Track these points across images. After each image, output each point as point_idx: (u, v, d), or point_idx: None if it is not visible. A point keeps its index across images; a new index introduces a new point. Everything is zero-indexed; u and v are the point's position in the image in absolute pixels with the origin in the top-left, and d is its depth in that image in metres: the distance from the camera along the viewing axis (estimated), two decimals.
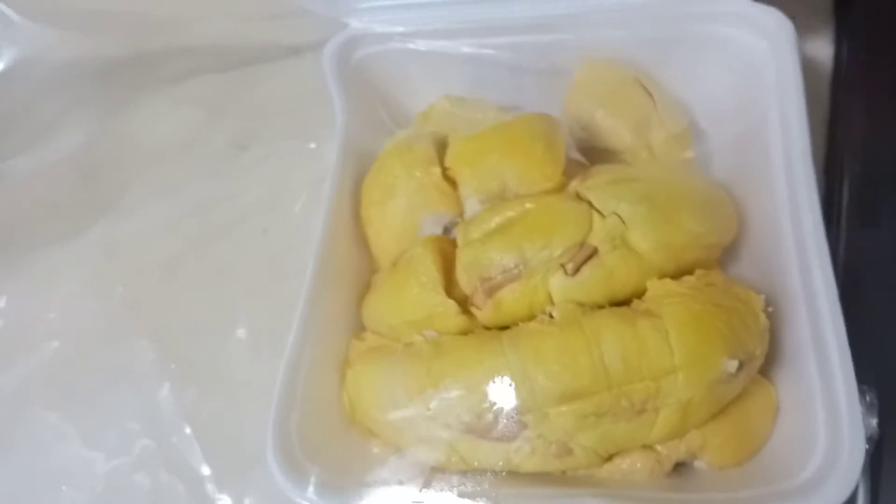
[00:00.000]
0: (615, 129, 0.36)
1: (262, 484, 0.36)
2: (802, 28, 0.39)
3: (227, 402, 0.38)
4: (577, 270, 0.30)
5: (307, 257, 0.40)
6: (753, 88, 0.35)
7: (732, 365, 0.28)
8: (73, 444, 0.37)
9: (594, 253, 0.30)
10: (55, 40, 0.41)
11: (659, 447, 0.30)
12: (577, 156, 0.36)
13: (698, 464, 0.31)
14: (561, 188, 0.32)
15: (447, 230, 0.34)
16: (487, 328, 0.32)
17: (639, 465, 0.30)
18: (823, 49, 0.41)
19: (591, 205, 0.31)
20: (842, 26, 0.42)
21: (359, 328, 0.36)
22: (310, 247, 0.40)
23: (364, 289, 0.37)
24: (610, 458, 0.30)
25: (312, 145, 0.42)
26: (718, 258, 0.34)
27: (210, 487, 0.36)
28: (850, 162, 0.39)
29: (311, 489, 0.30)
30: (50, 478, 0.37)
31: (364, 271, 0.37)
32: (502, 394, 0.29)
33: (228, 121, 0.43)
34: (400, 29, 0.38)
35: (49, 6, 0.41)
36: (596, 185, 0.31)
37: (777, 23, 0.34)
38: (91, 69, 0.43)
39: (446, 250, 0.33)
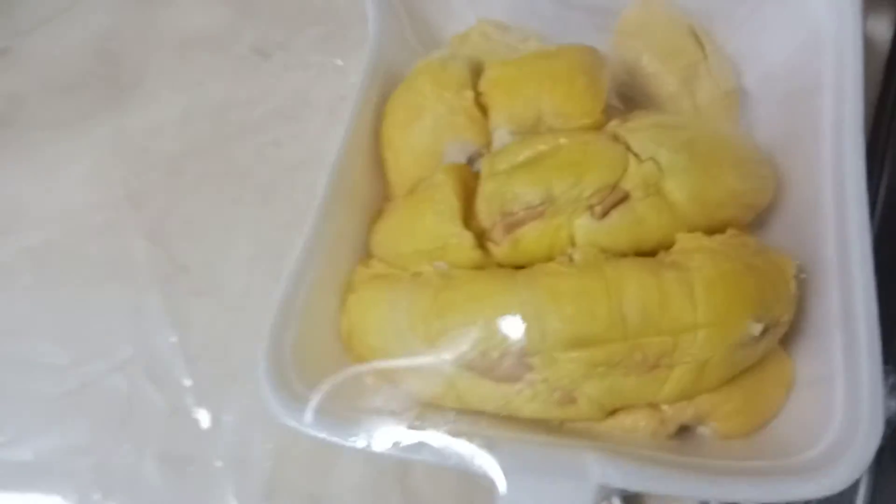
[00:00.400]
0: (661, 76, 0.34)
1: (243, 401, 0.35)
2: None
3: (218, 314, 0.37)
4: (605, 214, 0.28)
5: (318, 175, 0.38)
6: (810, 54, 0.33)
7: (757, 328, 0.26)
8: (48, 336, 0.36)
9: (626, 197, 0.28)
10: None
11: (665, 407, 0.28)
12: (614, 102, 0.34)
13: (702, 430, 0.30)
14: (599, 127, 0.30)
15: (471, 161, 0.32)
16: (502, 266, 0.30)
17: (642, 423, 0.28)
18: (882, 29, 0.39)
19: (628, 148, 0.29)
20: None
21: (365, 255, 0.34)
22: (323, 165, 0.38)
23: (375, 215, 0.35)
24: (613, 413, 0.29)
25: (339, 62, 0.40)
26: (750, 221, 0.32)
27: (188, 400, 0.35)
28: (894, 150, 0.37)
29: (299, 410, 0.28)
30: (18, 366, 0.35)
31: (377, 197, 0.35)
32: (510, 332, 0.27)
33: (255, 25, 0.41)
34: None
35: None
36: (637, 127, 0.29)
37: None
38: None
39: (468, 181, 0.31)
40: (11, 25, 0.42)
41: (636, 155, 0.29)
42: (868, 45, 0.39)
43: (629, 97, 0.34)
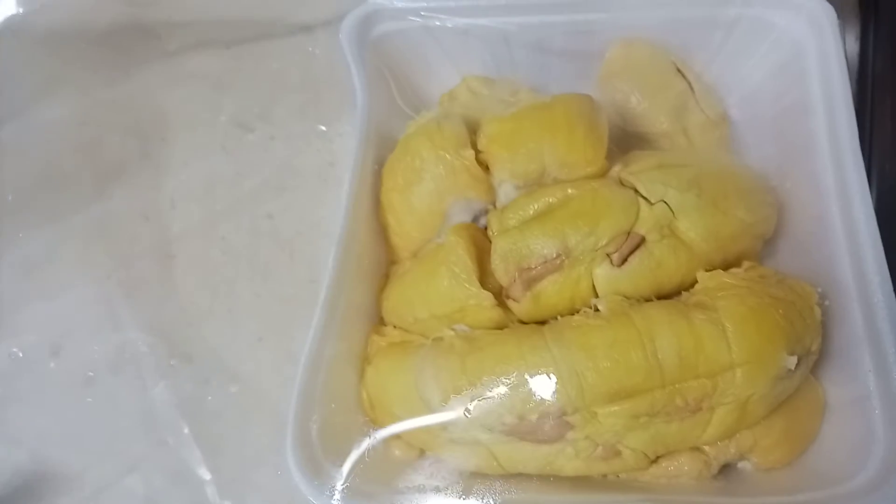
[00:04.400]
0: (652, 114, 0.34)
1: (268, 487, 0.34)
2: None
3: (229, 400, 0.35)
4: (624, 260, 0.28)
5: (317, 244, 0.38)
6: (794, 74, 0.34)
7: (792, 361, 0.26)
8: (54, 444, 0.34)
9: (642, 242, 0.28)
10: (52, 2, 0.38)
11: (707, 448, 0.28)
12: (610, 145, 0.34)
13: (743, 465, 0.29)
14: (603, 173, 0.30)
15: (476, 218, 0.32)
16: (524, 322, 0.30)
17: (686, 467, 0.28)
18: (849, 45, 0.40)
19: (636, 192, 0.29)
20: (867, 20, 0.41)
21: (378, 322, 0.34)
22: (319, 233, 0.38)
23: (382, 280, 0.34)
24: (656, 459, 0.28)
25: (322, 127, 0.40)
26: (760, 251, 0.32)
27: (210, 493, 0.34)
28: (881, 160, 0.38)
29: (336, 495, 0.27)
30: (27, 477, 0.34)
31: (382, 262, 0.35)
32: (546, 392, 0.27)
33: (233, 99, 0.41)
34: (422, 4, 0.36)
35: None
36: (641, 170, 0.30)
37: (818, 5, 0.33)
38: (88, 35, 0.40)
39: (478, 240, 0.30)
40: None
41: (645, 198, 0.29)
42: None
43: (623, 138, 0.35)
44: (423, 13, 0.36)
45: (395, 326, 0.33)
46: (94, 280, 0.36)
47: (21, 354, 0.36)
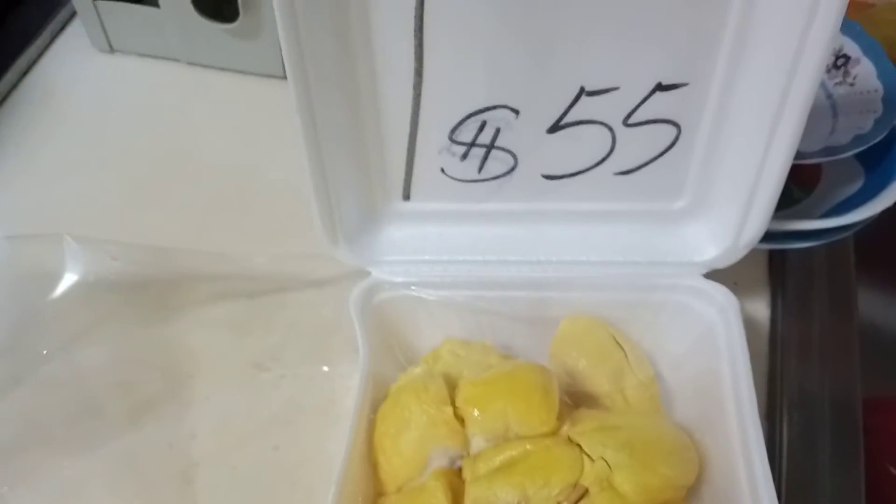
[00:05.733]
0: (595, 377, 0.42)
1: None
2: (743, 292, 0.48)
3: None
4: None
5: (314, 474, 0.44)
6: (706, 346, 0.43)
7: None
8: None
9: (586, 493, 0.35)
10: (108, 265, 0.47)
11: None
12: (564, 397, 0.42)
13: None
14: (555, 431, 0.38)
15: (453, 461, 0.39)
16: None
17: None
18: (761, 310, 0.50)
19: (581, 448, 0.37)
20: (775, 290, 0.51)
21: None
22: (318, 464, 0.44)
23: None
24: None
25: (325, 368, 0.47)
26: (684, 496, 0.39)
27: None
28: (790, 409, 0.46)
29: None
30: None
31: (370, 494, 0.41)
32: None
33: (252, 342, 0.48)
34: (414, 279, 0.45)
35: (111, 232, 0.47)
36: (584, 431, 0.37)
37: (725, 297, 0.43)
38: (129, 285, 0.49)
39: (453, 483, 0.37)
40: (24, 355, 0.47)
41: (588, 455, 0.36)
42: (751, 324, 0.49)
43: (573, 394, 0.43)
44: (413, 287, 0.45)
45: None
46: (122, 500, 0.42)
47: None
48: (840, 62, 0.52)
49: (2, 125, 0.61)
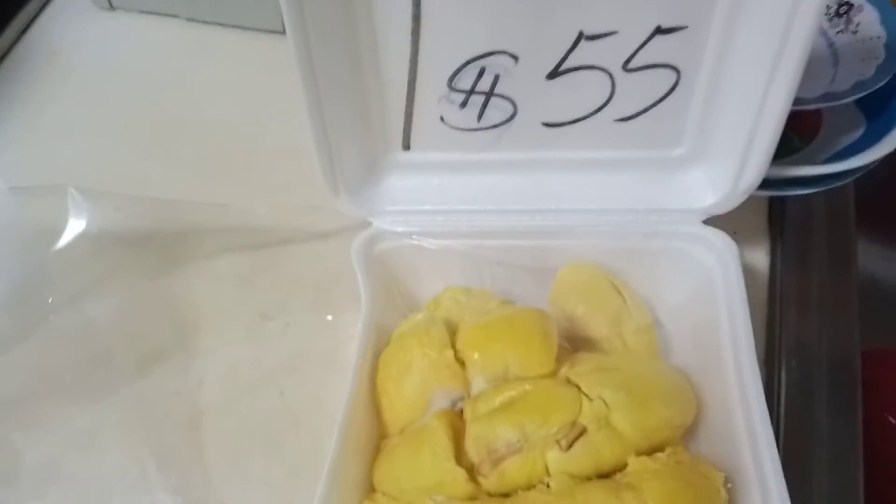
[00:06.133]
0: (594, 322, 0.43)
1: None
2: (743, 241, 0.48)
3: None
4: (570, 446, 0.36)
5: (320, 421, 0.45)
6: (705, 294, 0.43)
7: None
8: None
9: (584, 431, 0.36)
10: (112, 217, 0.47)
11: None
12: (563, 343, 0.43)
13: None
14: (554, 373, 0.39)
15: (454, 403, 0.40)
16: (491, 495, 0.36)
17: None
18: (760, 259, 0.50)
19: (579, 389, 0.37)
20: (774, 240, 0.52)
21: (369, 490, 0.40)
22: (322, 411, 0.45)
23: (374, 453, 0.41)
24: None
25: (329, 317, 0.48)
26: (682, 436, 0.40)
27: None
28: (787, 357, 0.47)
29: None
30: None
31: (374, 436, 0.42)
32: None
33: (257, 293, 0.49)
34: (414, 229, 0.45)
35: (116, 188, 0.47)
36: (583, 372, 0.38)
37: (724, 242, 0.43)
38: (134, 239, 0.50)
39: (456, 423, 0.38)
40: (31, 306, 0.48)
41: (586, 395, 0.37)
42: (751, 271, 0.50)
43: (571, 339, 0.43)
44: (414, 236, 0.45)
45: (384, 494, 0.39)
46: (132, 448, 0.43)
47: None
48: (843, 10, 0.52)
49: (2, 82, 0.61)
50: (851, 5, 0.52)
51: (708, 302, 0.43)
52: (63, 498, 0.42)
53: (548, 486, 0.35)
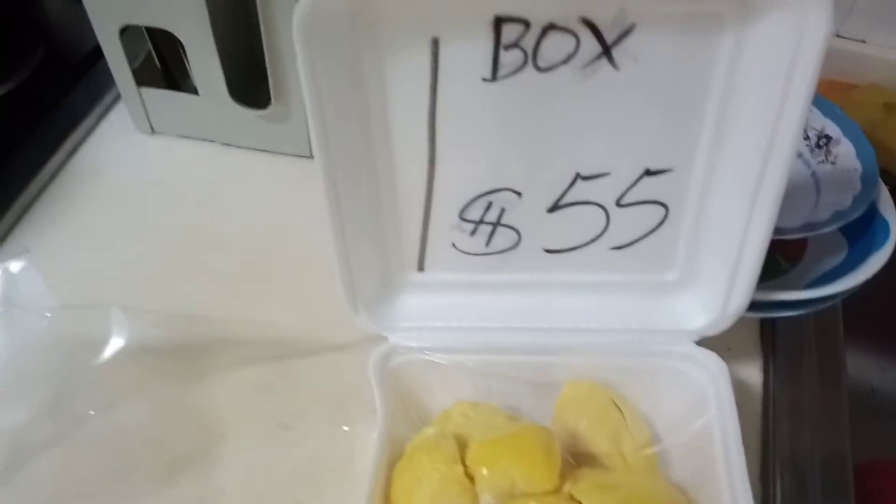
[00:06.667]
0: (595, 438, 0.46)
1: None
2: (736, 357, 0.51)
3: None
4: None
5: None
6: (699, 411, 0.46)
7: None
8: None
9: None
10: (150, 333, 0.51)
11: None
12: (566, 456, 0.45)
13: None
14: (558, 489, 0.41)
15: None
16: None
17: None
18: (754, 375, 0.53)
19: None
20: (767, 356, 0.54)
21: None
22: None
23: None
24: None
25: (345, 428, 0.51)
26: None
27: None
28: (782, 470, 0.49)
29: None
30: None
31: None
32: None
33: (278, 403, 0.52)
34: (427, 344, 0.49)
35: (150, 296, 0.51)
36: (585, 489, 0.40)
37: (715, 364, 0.46)
38: (170, 352, 0.53)
39: None
40: (71, 415, 0.51)
41: None
42: (744, 387, 0.52)
43: (575, 454, 0.46)
44: (427, 352, 0.49)
45: None
46: None
47: None
48: (822, 142, 0.57)
49: (52, 200, 0.66)
50: (830, 138, 0.57)
51: (702, 417, 0.45)
52: None
53: None
